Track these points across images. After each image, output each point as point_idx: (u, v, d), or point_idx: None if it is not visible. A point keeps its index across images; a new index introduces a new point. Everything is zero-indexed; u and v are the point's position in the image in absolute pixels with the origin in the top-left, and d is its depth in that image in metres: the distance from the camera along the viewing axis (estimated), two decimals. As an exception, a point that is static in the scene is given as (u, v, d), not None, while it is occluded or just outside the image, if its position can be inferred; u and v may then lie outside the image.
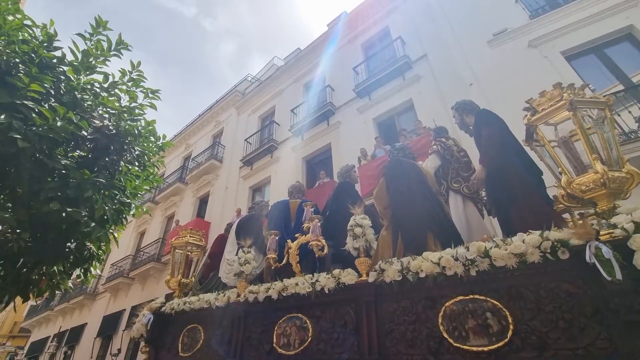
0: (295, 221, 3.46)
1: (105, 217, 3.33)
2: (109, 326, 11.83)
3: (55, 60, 3.19)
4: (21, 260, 3.27)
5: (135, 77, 3.70)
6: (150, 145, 3.98)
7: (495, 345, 1.59)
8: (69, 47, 3.30)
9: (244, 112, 13.43)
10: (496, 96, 6.12)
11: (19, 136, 2.52)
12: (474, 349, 1.64)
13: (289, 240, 2.96)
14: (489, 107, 6.07)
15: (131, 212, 3.87)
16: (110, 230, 3.65)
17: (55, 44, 3.28)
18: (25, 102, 2.70)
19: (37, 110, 2.72)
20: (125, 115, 3.67)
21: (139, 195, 4.01)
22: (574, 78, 5.62)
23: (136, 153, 3.80)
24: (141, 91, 3.78)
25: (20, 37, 3.02)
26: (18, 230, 3.17)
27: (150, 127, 3.88)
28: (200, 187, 12.56)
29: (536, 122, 1.97)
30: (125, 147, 3.63)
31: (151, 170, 4.07)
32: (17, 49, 2.90)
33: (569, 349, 1.45)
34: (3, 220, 2.68)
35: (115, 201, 3.50)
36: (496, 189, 2.54)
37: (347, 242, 2.37)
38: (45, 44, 3.18)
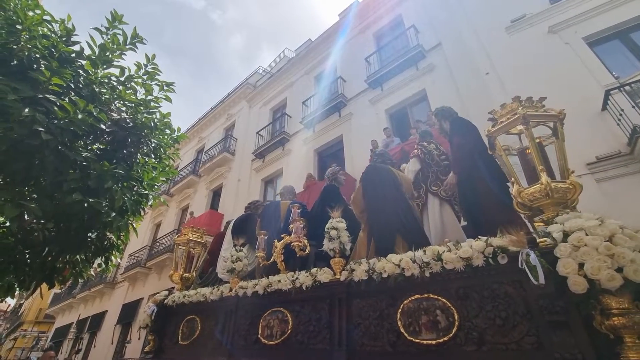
0: (285, 221, 3.57)
1: (124, 207, 3.42)
2: (128, 314, 12.27)
3: (73, 55, 3.26)
4: (46, 249, 3.41)
5: (150, 70, 3.74)
6: (166, 137, 4.05)
7: (442, 339, 1.77)
8: (87, 42, 3.36)
9: (255, 104, 13.46)
10: (514, 85, 5.94)
11: (42, 129, 2.60)
12: (424, 342, 1.83)
13: (275, 240, 3.11)
14: (506, 97, 5.93)
15: (149, 203, 3.97)
16: (130, 221, 3.76)
17: (73, 38, 3.35)
18: (47, 95, 2.77)
19: (58, 103, 2.79)
20: (142, 108, 3.73)
21: (155, 186, 4.11)
22: (597, 65, 5.40)
23: (152, 145, 3.87)
24: (156, 84, 3.83)
25: (40, 32, 3.09)
26: (43, 221, 3.31)
27: (165, 120, 3.94)
28: (214, 180, 12.74)
29: (495, 133, 2.10)
30: (141, 139, 3.70)
31: (167, 162, 4.15)
32: (38, 44, 2.97)
33: (502, 343, 1.62)
34: (29, 210, 2.78)
35: (134, 192, 3.60)
36: (465, 194, 2.70)
37: (324, 243, 2.55)
38: (64, 39, 3.25)
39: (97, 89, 3.36)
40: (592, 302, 1.38)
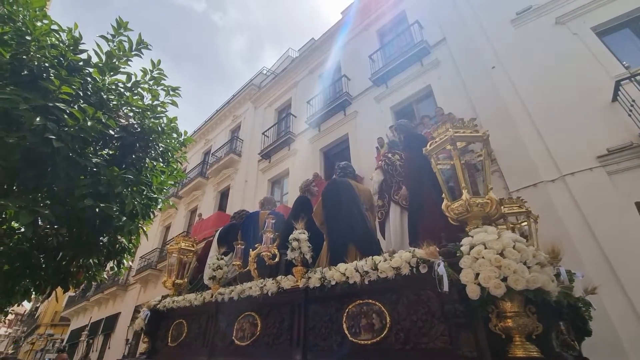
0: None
1: (135, 211, 3.48)
2: (140, 315, 12.47)
3: (81, 63, 3.32)
4: (60, 253, 3.49)
5: (156, 75, 3.79)
6: (173, 141, 4.10)
7: (376, 339, 2.03)
8: (94, 50, 3.43)
9: (260, 105, 13.51)
10: (521, 78, 5.86)
11: (53, 137, 2.66)
12: (362, 342, 2.09)
13: (250, 249, 3.26)
14: (514, 91, 5.87)
15: (158, 206, 4.03)
16: (140, 224, 3.82)
17: (80, 46, 3.41)
18: (57, 104, 2.83)
19: (68, 111, 2.85)
20: (149, 113, 3.79)
21: (164, 190, 4.17)
22: (607, 55, 5.29)
23: (160, 149, 3.92)
24: (162, 89, 3.88)
25: (49, 42, 3.15)
26: (56, 226, 3.39)
27: (172, 124, 4.00)
28: (221, 181, 12.83)
29: (431, 152, 2.30)
30: (149, 144, 3.76)
31: (175, 166, 4.20)
32: (47, 54, 3.03)
33: (422, 342, 1.88)
34: (43, 216, 2.85)
35: (143, 196, 3.66)
36: (413, 205, 2.95)
37: (288, 253, 2.72)
38: (71, 48, 3.31)
39: (105, 96, 3.42)
40: (487, 307, 1.59)
